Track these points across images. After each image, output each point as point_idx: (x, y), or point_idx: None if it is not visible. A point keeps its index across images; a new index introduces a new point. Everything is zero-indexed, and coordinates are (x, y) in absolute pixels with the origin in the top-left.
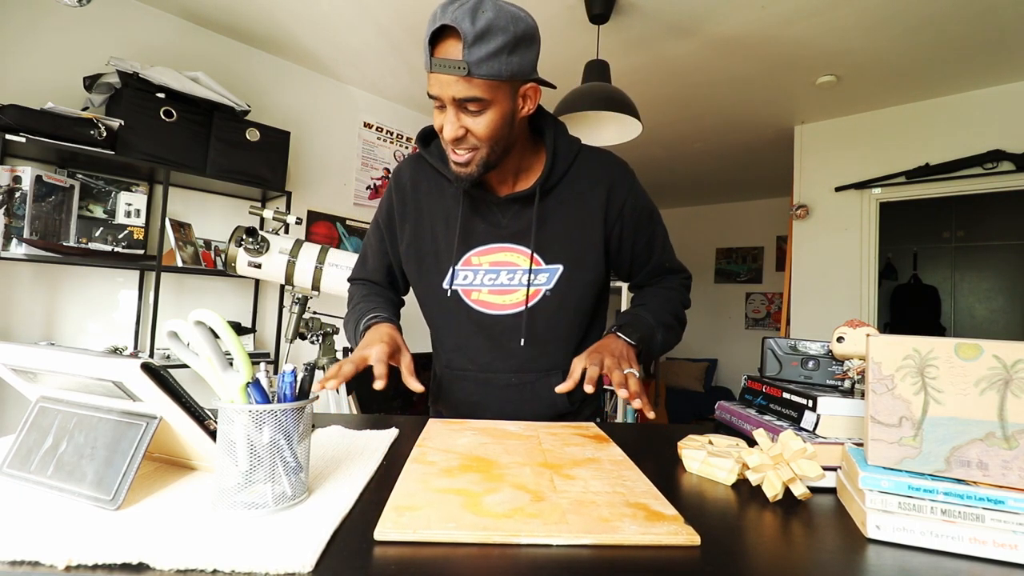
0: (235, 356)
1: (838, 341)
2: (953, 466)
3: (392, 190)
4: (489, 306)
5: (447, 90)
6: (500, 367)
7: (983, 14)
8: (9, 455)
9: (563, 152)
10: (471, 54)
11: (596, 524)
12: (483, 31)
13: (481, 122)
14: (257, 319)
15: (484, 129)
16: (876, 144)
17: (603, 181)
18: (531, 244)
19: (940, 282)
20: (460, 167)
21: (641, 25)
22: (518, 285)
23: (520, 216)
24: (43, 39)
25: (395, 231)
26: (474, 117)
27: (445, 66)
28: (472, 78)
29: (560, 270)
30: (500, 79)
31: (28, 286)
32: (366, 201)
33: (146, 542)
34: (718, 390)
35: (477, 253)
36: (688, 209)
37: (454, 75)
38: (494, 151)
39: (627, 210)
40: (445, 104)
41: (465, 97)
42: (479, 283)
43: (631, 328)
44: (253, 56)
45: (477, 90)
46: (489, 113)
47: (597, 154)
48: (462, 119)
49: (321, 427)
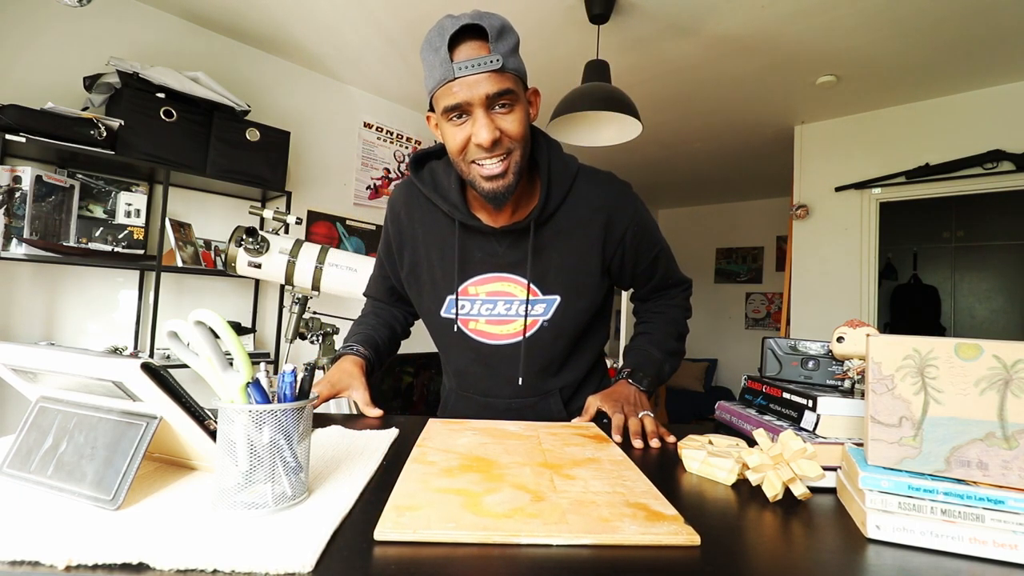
0: (235, 356)
1: (838, 341)
2: (953, 466)
3: (388, 218)
4: (487, 336)
5: (478, 90)
6: (499, 393)
7: (983, 14)
8: (9, 455)
9: (558, 179)
10: (498, 47)
11: (596, 524)
12: (501, 27)
13: (513, 119)
14: (257, 319)
15: (518, 126)
16: (876, 144)
17: (603, 208)
18: (527, 275)
19: (940, 282)
20: (495, 180)
21: (641, 25)
22: (515, 315)
23: (516, 246)
24: (43, 39)
25: (394, 259)
26: (505, 115)
27: (477, 64)
28: (504, 71)
29: (557, 301)
30: (520, 75)
31: (28, 286)
32: (366, 201)
33: (146, 542)
34: (718, 390)
35: (474, 283)
36: (688, 209)
37: (486, 71)
38: (524, 155)
39: (629, 237)
40: (470, 110)
41: (499, 91)
42: (476, 313)
43: (642, 373)
44: (253, 56)
45: (509, 82)
46: (518, 110)
47: (595, 178)
48: (495, 120)
49: (321, 427)
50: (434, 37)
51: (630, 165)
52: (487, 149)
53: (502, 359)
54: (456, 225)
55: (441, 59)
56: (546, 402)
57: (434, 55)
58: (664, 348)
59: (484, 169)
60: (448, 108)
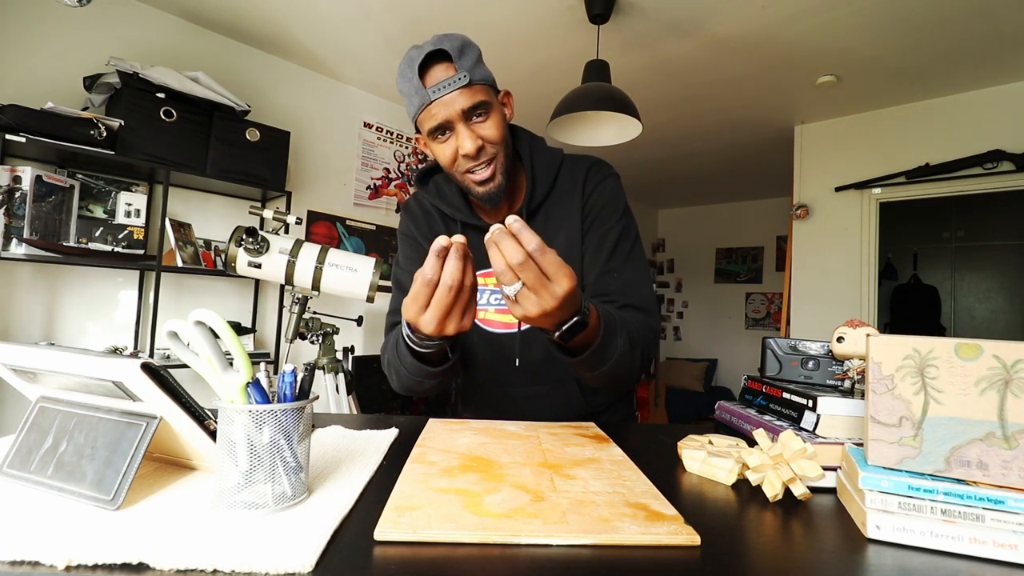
0: (235, 356)
1: (838, 341)
2: (953, 466)
3: (408, 223)
4: (492, 324)
5: (454, 107)
6: (505, 381)
7: (983, 14)
8: (9, 455)
9: (542, 169)
10: (463, 64)
11: (596, 524)
12: (460, 46)
13: (490, 125)
14: (257, 319)
15: (495, 130)
16: (876, 144)
17: (579, 181)
18: None
19: (940, 282)
20: (486, 184)
21: (641, 25)
22: None
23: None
24: (43, 39)
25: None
26: (482, 124)
27: (448, 84)
28: (473, 85)
29: None
30: (488, 83)
31: (28, 286)
32: (366, 201)
33: (146, 542)
34: (718, 390)
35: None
36: (688, 209)
37: (457, 88)
38: (507, 155)
39: (594, 197)
40: (452, 126)
41: (472, 104)
42: (485, 303)
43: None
44: (253, 56)
45: (480, 94)
46: (493, 116)
47: (578, 161)
48: (475, 129)
49: (321, 427)
50: (405, 69)
51: (630, 165)
52: (473, 157)
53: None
54: (459, 226)
55: (415, 87)
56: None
57: (408, 85)
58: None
59: (475, 176)
60: (432, 130)
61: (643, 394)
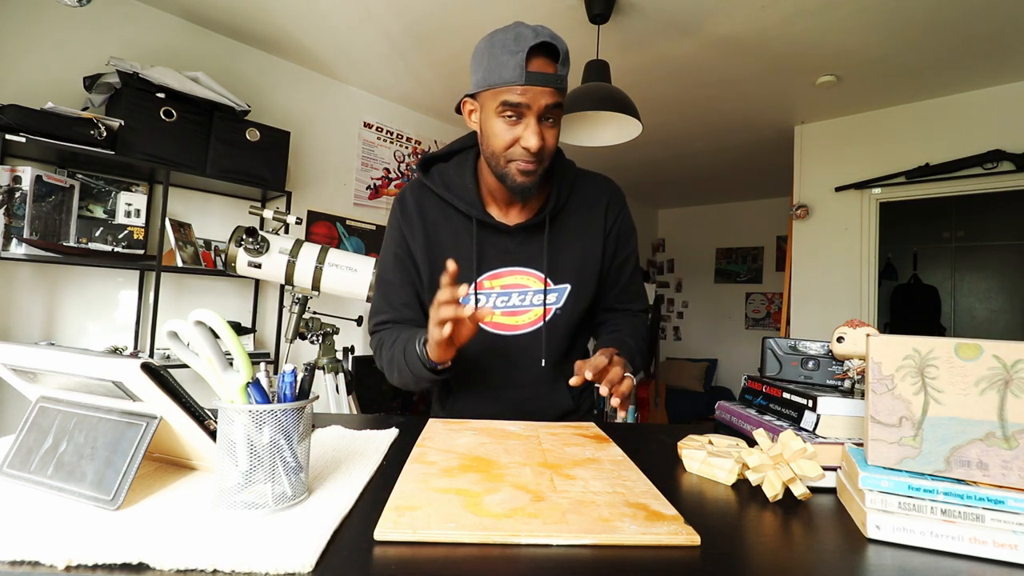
0: (235, 356)
1: (838, 341)
2: (953, 466)
3: (399, 218)
4: (503, 327)
5: (541, 99)
6: (512, 383)
7: (983, 14)
8: (9, 455)
9: (564, 178)
10: (562, 69)
11: (596, 524)
12: (567, 53)
13: (554, 134)
14: (257, 319)
15: (555, 140)
16: (876, 144)
17: (601, 201)
18: (543, 268)
19: (940, 282)
20: (528, 176)
21: (641, 25)
22: (530, 305)
23: (529, 241)
24: (43, 39)
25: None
26: (550, 129)
27: (549, 79)
28: (562, 92)
29: (568, 289)
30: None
31: (28, 286)
32: (366, 201)
33: (146, 542)
34: (718, 390)
35: (488, 277)
36: (688, 209)
37: (553, 87)
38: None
39: (617, 226)
40: (527, 115)
41: (553, 103)
42: (492, 306)
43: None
44: (253, 56)
45: (560, 102)
46: (558, 126)
47: (593, 177)
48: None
49: (321, 427)
50: (510, 41)
51: (630, 165)
52: (532, 155)
53: (519, 348)
54: (473, 222)
55: (516, 62)
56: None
57: (509, 57)
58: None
59: (522, 166)
60: (509, 104)
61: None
